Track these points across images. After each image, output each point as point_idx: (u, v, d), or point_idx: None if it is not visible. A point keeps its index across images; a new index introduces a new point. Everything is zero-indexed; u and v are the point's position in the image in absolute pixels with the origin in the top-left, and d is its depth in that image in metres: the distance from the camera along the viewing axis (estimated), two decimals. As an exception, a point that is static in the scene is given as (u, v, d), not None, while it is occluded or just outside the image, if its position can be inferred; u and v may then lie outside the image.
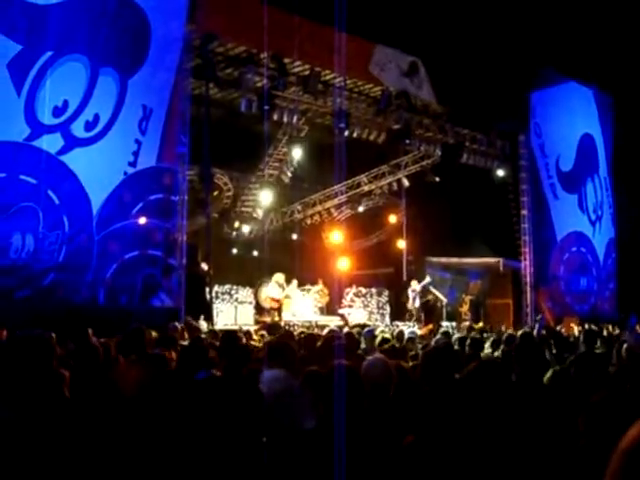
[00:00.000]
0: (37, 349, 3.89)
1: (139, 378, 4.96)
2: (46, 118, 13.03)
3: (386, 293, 24.58)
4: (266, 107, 17.26)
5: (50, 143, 13.08)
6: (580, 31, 20.68)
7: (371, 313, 23.63)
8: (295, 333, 10.28)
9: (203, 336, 9.96)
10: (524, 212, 22.48)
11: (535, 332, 12.95)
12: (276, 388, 4.74)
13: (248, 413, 4.07)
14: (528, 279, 22.38)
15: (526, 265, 22.44)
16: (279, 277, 20.55)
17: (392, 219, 26.30)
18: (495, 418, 3.17)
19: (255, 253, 24.73)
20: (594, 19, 20.63)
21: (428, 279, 22.36)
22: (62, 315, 11.56)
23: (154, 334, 8.74)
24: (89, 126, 13.66)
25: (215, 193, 22.21)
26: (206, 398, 4.27)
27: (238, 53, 17.30)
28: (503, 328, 17.89)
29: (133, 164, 14.31)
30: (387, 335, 10.28)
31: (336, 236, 26.07)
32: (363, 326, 15.60)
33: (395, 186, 24.59)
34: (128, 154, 14.24)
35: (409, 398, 4.71)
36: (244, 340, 8.98)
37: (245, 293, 21.67)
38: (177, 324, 11.24)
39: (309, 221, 26.57)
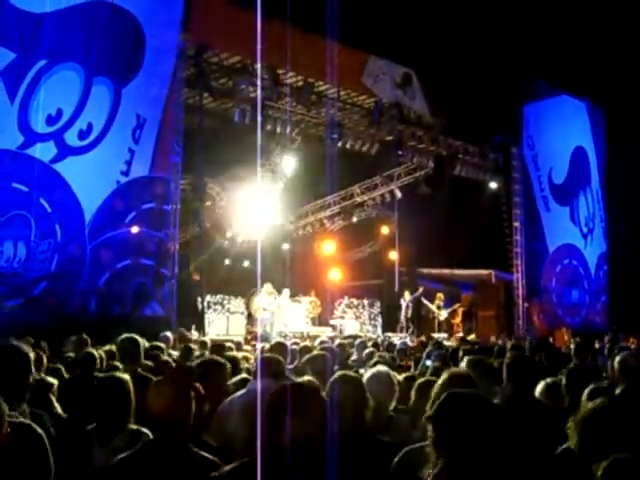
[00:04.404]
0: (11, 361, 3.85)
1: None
2: (39, 126, 13.03)
3: (378, 304, 24.55)
4: (259, 117, 17.28)
5: (43, 151, 13.07)
6: (573, 44, 20.78)
7: (363, 324, 23.58)
8: (288, 343, 10.27)
9: (193, 346, 9.91)
10: (516, 224, 22.53)
11: (526, 344, 12.94)
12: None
13: None
14: (520, 291, 22.40)
15: (518, 277, 22.47)
16: (267, 287, 20.50)
17: (384, 230, 26.31)
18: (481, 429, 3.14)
19: (247, 263, 24.66)
20: (586, 32, 20.73)
21: (420, 290, 22.39)
22: (53, 324, 11.53)
23: (145, 344, 8.71)
24: (82, 135, 13.65)
25: (208, 203, 22.17)
26: None
27: (232, 63, 17.32)
28: (493, 339, 17.89)
29: (126, 173, 14.30)
30: (371, 349, 10.22)
31: (328, 247, 26.04)
32: (355, 337, 15.56)
33: (388, 197, 24.58)
34: (121, 163, 14.24)
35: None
36: (235, 351, 8.97)
37: (237, 303, 21.58)
38: (169, 334, 11.19)
39: (301, 232, 26.56)
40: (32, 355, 4.04)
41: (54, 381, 5.41)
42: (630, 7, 19.51)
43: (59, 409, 5.08)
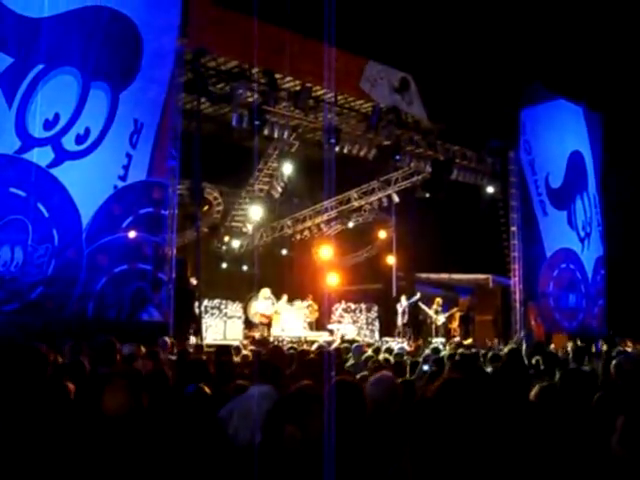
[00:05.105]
0: (29, 360, 3.86)
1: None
2: (37, 131, 13.02)
3: (375, 309, 24.58)
4: (257, 122, 17.29)
5: (41, 156, 13.06)
6: (569, 49, 20.85)
7: (360, 329, 23.61)
8: (285, 348, 10.29)
9: (190, 350, 9.93)
10: (513, 228, 22.53)
11: (523, 348, 12.96)
12: (266, 405, 4.73)
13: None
14: (517, 295, 22.39)
15: (515, 281, 22.46)
16: (265, 292, 20.52)
17: (382, 235, 26.34)
18: (473, 435, 3.14)
19: (245, 268, 24.69)
20: (583, 37, 20.79)
21: (417, 296, 22.39)
22: (50, 328, 11.52)
23: (143, 349, 8.74)
24: (80, 139, 13.64)
25: (205, 208, 22.16)
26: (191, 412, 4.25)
27: (229, 68, 17.36)
28: (490, 343, 17.92)
29: (123, 178, 14.29)
30: (370, 353, 10.25)
31: (326, 251, 26.04)
32: (352, 342, 15.57)
33: (385, 202, 24.60)
34: (118, 168, 14.23)
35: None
36: (233, 355, 8.99)
37: (234, 308, 21.62)
38: (167, 339, 11.20)
39: (299, 236, 26.56)
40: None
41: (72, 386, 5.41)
42: (626, 12, 19.58)
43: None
